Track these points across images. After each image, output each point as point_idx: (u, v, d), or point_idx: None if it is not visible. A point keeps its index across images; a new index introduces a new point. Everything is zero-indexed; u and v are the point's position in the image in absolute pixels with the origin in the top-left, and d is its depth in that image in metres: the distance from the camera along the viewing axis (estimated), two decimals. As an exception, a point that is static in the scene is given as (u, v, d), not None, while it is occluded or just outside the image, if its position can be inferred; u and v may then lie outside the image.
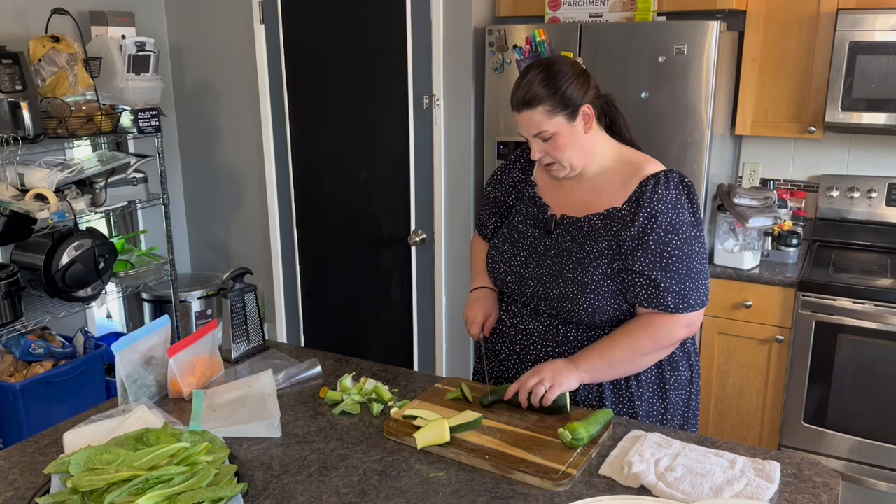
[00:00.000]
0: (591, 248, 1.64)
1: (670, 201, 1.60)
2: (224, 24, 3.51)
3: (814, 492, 1.34)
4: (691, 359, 1.76)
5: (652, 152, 2.62)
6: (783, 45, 2.75)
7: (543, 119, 1.60)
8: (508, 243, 1.77)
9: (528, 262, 1.72)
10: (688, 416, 1.77)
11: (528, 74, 1.61)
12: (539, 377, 1.57)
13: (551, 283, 1.66)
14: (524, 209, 1.78)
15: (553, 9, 2.86)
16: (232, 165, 3.71)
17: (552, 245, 1.69)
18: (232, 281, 1.93)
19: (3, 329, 2.65)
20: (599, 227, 1.64)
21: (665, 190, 1.60)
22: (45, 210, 2.57)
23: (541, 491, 1.35)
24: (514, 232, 1.78)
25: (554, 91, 1.59)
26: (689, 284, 1.59)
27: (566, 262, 1.65)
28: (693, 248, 1.60)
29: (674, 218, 1.59)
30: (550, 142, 1.62)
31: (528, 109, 1.60)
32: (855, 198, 2.96)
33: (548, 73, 1.60)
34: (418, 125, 3.13)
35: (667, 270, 1.58)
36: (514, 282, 1.73)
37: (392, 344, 3.43)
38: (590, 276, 1.62)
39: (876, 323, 2.53)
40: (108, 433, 1.44)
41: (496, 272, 1.78)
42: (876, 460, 2.62)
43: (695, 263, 1.60)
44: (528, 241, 1.74)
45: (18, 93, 2.59)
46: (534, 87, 1.59)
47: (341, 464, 1.44)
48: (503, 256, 1.77)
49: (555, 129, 1.61)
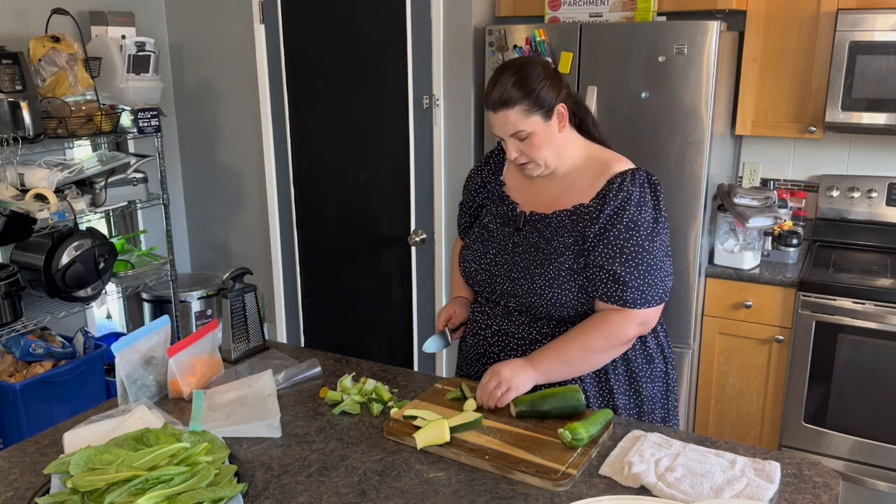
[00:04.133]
0: (557, 243, 1.67)
1: (634, 198, 1.63)
2: (224, 24, 3.51)
3: (814, 492, 1.34)
4: (665, 351, 1.79)
5: (652, 152, 2.64)
6: (783, 45, 2.75)
7: (520, 119, 1.62)
8: (479, 242, 1.80)
9: (497, 260, 1.74)
10: (668, 409, 1.80)
11: (503, 75, 1.63)
12: (497, 380, 1.60)
13: (519, 280, 1.69)
14: (494, 208, 1.81)
15: (553, 9, 2.86)
16: (232, 165, 3.71)
17: (520, 242, 1.72)
18: (232, 281, 1.93)
19: (3, 329, 2.65)
20: (566, 223, 1.68)
21: (631, 187, 1.64)
22: (45, 210, 2.57)
23: (541, 491, 1.34)
24: (483, 231, 1.81)
25: (530, 91, 1.61)
26: (649, 280, 1.62)
27: (534, 257, 1.69)
28: (654, 245, 1.63)
29: (636, 215, 1.62)
30: (526, 141, 1.65)
31: (505, 109, 1.62)
32: (855, 198, 2.96)
33: (522, 74, 1.62)
34: (418, 125, 3.13)
35: (627, 265, 1.61)
36: (485, 279, 1.76)
37: (392, 344, 3.43)
38: (556, 271, 1.65)
39: (876, 323, 2.53)
40: (108, 433, 1.44)
41: (467, 270, 1.81)
42: (876, 460, 2.62)
43: (655, 260, 1.63)
44: (498, 239, 1.77)
45: (18, 93, 2.59)
46: (510, 88, 1.61)
47: (341, 464, 1.44)
48: (473, 255, 1.80)
49: (531, 129, 1.63)
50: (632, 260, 1.61)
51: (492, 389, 1.59)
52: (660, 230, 1.65)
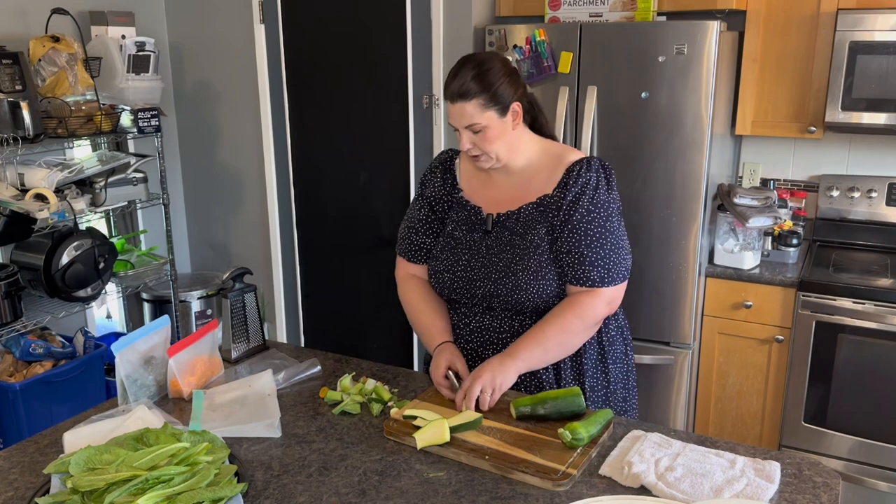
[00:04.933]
0: (531, 236, 1.71)
1: (591, 183, 1.70)
2: (224, 24, 3.51)
3: (814, 492, 1.34)
4: (624, 333, 1.87)
5: (652, 152, 2.64)
6: (783, 45, 2.75)
7: (476, 112, 1.66)
8: (447, 251, 1.81)
9: (472, 265, 1.76)
10: (628, 388, 1.87)
11: (464, 67, 1.66)
12: (480, 384, 1.60)
13: (502, 279, 1.72)
14: (455, 216, 1.83)
15: (553, 9, 2.86)
16: (232, 165, 3.71)
17: (493, 243, 1.75)
18: (232, 281, 1.93)
19: (3, 329, 2.65)
20: (535, 214, 1.72)
21: (588, 173, 1.71)
22: (45, 210, 2.56)
23: (541, 491, 1.35)
24: (450, 239, 1.82)
25: (489, 86, 1.65)
26: (613, 259, 1.70)
27: (511, 255, 1.72)
28: (613, 225, 1.71)
29: (594, 198, 1.70)
30: (480, 134, 1.68)
31: (463, 101, 1.65)
32: (855, 198, 2.96)
33: (483, 69, 1.66)
34: (418, 125, 3.13)
35: (592, 247, 1.68)
36: (462, 287, 1.78)
37: (392, 344, 3.43)
38: (537, 263, 1.70)
39: (876, 323, 2.53)
40: (108, 433, 1.44)
41: (441, 281, 1.81)
42: (876, 460, 2.62)
43: (616, 239, 1.71)
44: (467, 245, 1.78)
45: (18, 93, 2.59)
46: (469, 81, 1.64)
47: (341, 464, 1.44)
48: (444, 265, 1.80)
49: (486, 123, 1.67)
50: (595, 241, 1.68)
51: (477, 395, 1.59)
52: (616, 211, 1.73)
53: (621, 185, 2.69)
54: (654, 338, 2.79)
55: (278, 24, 3.36)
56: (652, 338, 2.79)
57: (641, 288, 2.75)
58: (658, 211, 2.67)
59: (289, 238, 3.63)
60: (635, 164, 2.67)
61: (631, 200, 2.69)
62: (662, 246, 2.69)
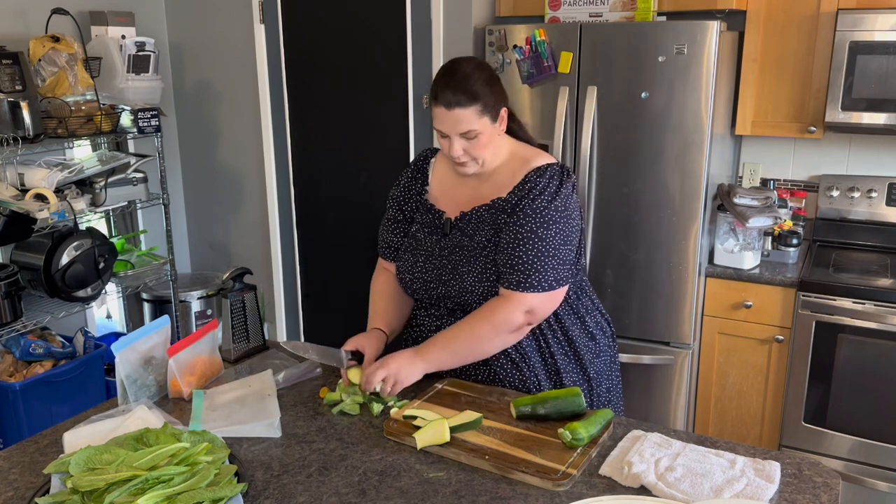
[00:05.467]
0: (479, 238, 1.72)
1: (538, 188, 1.68)
2: (224, 24, 3.51)
3: (814, 492, 1.34)
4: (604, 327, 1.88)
5: (652, 152, 2.64)
6: (783, 45, 2.75)
7: (473, 119, 1.64)
8: (409, 252, 1.84)
9: (427, 266, 1.78)
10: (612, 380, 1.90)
11: (457, 73, 1.64)
12: (385, 372, 1.64)
13: (450, 281, 1.73)
14: (420, 218, 1.85)
15: (553, 9, 2.86)
16: (232, 165, 3.71)
17: (447, 245, 1.76)
18: (232, 281, 1.93)
19: (3, 329, 2.65)
20: (485, 216, 1.72)
21: (539, 179, 1.68)
22: (45, 210, 2.57)
23: (541, 491, 1.35)
24: (412, 241, 1.84)
25: (486, 92, 1.65)
26: (538, 265, 1.65)
27: (460, 257, 1.73)
28: (549, 233, 1.65)
29: (537, 202, 1.66)
30: (473, 141, 1.67)
31: (460, 108, 1.63)
32: (855, 198, 2.96)
33: (478, 75, 1.65)
34: (418, 125, 3.13)
35: (518, 250, 1.65)
36: (420, 287, 1.80)
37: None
38: (483, 265, 1.70)
39: (876, 323, 2.53)
40: (108, 433, 1.44)
41: (403, 281, 1.85)
42: (876, 460, 2.62)
43: (546, 247, 1.65)
44: (426, 246, 1.80)
45: (18, 93, 2.59)
46: (468, 87, 1.63)
47: (341, 464, 1.44)
48: (406, 266, 1.83)
49: (480, 129, 1.66)
50: (523, 245, 1.65)
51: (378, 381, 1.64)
52: (557, 218, 1.66)
53: (621, 186, 2.70)
54: (654, 338, 2.79)
55: (278, 24, 3.36)
56: (652, 338, 2.79)
57: (641, 288, 2.75)
58: (658, 211, 2.67)
59: (289, 238, 3.63)
60: (635, 164, 2.67)
61: (631, 200, 2.69)
62: (662, 246, 2.69)
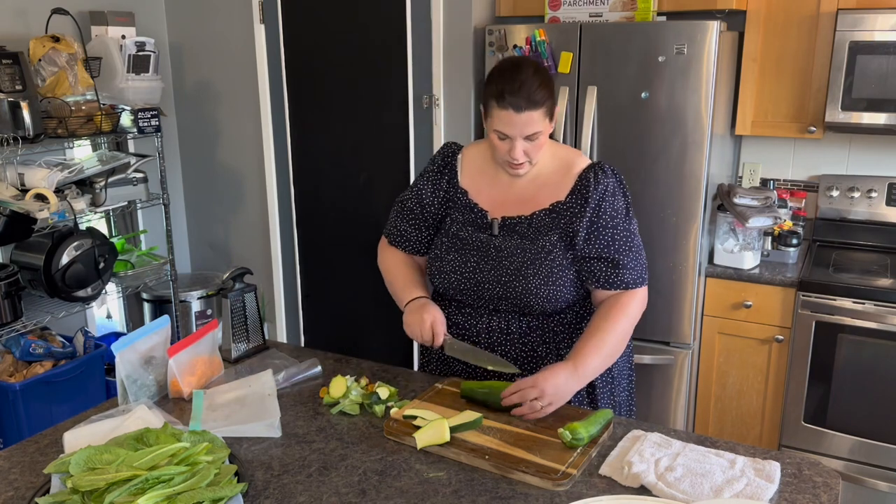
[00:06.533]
0: (543, 242, 1.71)
1: (610, 189, 1.71)
2: (224, 24, 3.51)
3: (814, 492, 1.34)
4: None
5: (652, 152, 2.64)
6: (783, 45, 2.75)
7: (541, 120, 1.65)
8: (453, 252, 1.78)
9: (481, 266, 1.74)
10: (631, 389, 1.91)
11: (522, 73, 1.62)
12: (539, 392, 1.54)
13: (512, 282, 1.71)
14: (460, 216, 1.80)
15: (553, 9, 2.86)
16: (232, 165, 3.71)
17: (503, 246, 1.74)
18: (232, 281, 1.93)
19: (3, 329, 2.65)
20: (547, 221, 1.72)
21: (605, 179, 1.71)
22: (45, 210, 2.57)
23: (541, 491, 1.35)
24: (455, 240, 1.79)
25: (552, 93, 1.67)
26: (640, 260, 1.73)
27: (522, 259, 1.71)
28: (634, 229, 1.74)
29: (615, 203, 1.71)
30: (535, 142, 1.67)
31: (531, 110, 1.62)
32: (855, 198, 2.96)
33: (545, 76, 1.65)
34: (418, 125, 3.13)
35: (622, 251, 1.70)
36: (470, 288, 1.76)
37: (392, 344, 3.43)
38: (549, 268, 1.69)
39: (876, 323, 2.53)
40: (108, 433, 1.44)
41: (447, 282, 1.79)
42: (876, 460, 2.62)
43: (638, 241, 1.75)
44: (475, 246, 1.76)
45: (18, 93, 2.59)
46: (538, 89, 1.62)
47: (341, 464, 1.44)
48: (451, 266, 1.78)
49: (544, 130, 1.67)
50: (623, 245, 1.70)
51: (531, 400, 1.54)
52: (632, 215, 1.76)
53: (621, 185, 2.70)
54: (654, 338, 2.79)
55: (278, 24, 3.36)
56: (652, 338, 2.79)
57: (641, 288, 2.75)
58: (658, 211, 2.67)
59: (289, 238, 3.63)
60: (635, 164, 2.67)
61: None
62: (662, 246, 2.69)
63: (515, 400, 1.56)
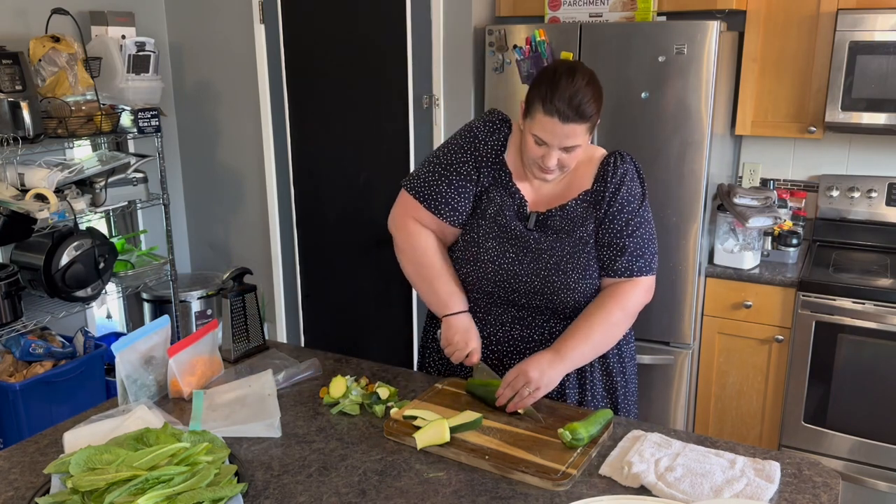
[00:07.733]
0: (580, 233, 1.68)
1: (628, 174, 1.69)
2: (224, 24, 3.51)
3: (814, 492, 1.34)
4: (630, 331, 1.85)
5: (652, 152, 2.64)
6: (783, 45, 2.75)
7: (583, 133, 1.58)
8: (492, 239, 1.68)
9: (520, 258, 1.67)
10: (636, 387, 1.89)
11: (574, 83, 1.53)
12: (526, 379, 1.57)
13: (551, 277, 1.66)
14: (499, 199, 1.69)
15: (553, 9, 2.86)
16: (232, 165, 3.71)
17: (542, 239, 1.68)
18: (232, 281, 1.93)
19: (3, 329, 2.65)
20: (580, 211, 1.69)
21: (623, 164, 1.70)
22: (45, 210, 2.57)
23: (541, 491, 1.35)
24: (494, 225, 1.69)
25: (600, 107, 1.59)
26: (651, 248, 1.70)
27: (562, 253, 1.67)
28: (648, 216, 1.72)
29: (631, 189, 1.69)
30: (571, 154, 1.61)
31: (576, 123, 1.55)
32: (855, 198, 2.96)
33: (597, 88, 1.57)
34: (418, 125, 3.13)
35: (632, 237, 1.67)
36: (505, 280, 1.68)
37: (392, 344, 3.43)
38: (585, 261, 1.67)
39: (876, 323, 2.53)
40: (108, 433, 1.44)
41: (482, 271, 1.69)
42: (876, 460, 2.62)
43: (651, 228, 1.72)
44: (514, 236, 1.68)
45: (18, 93, 2.59)
46: (589, 102, 1.54)
47: (341, 464, 1.44)
48: (490, 255, 1.68)
49: (583, 144, 1.61)
50: (635, 231, 1.67)
51: (520, 388, 1.56)
52: (647, 202, 1.73)
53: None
54: (654, 338, 2.79)
55: (278, 24, 3.36)
56: (652, 338, 2.79)
57: (641, 288, 2.75)
58: (658, 211, 2.67)
59: (289, 238, 3.63)
60: (635, 164, 2.67)
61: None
62: (662, 246, 2.69)
63: (508, 394, 1.58)
